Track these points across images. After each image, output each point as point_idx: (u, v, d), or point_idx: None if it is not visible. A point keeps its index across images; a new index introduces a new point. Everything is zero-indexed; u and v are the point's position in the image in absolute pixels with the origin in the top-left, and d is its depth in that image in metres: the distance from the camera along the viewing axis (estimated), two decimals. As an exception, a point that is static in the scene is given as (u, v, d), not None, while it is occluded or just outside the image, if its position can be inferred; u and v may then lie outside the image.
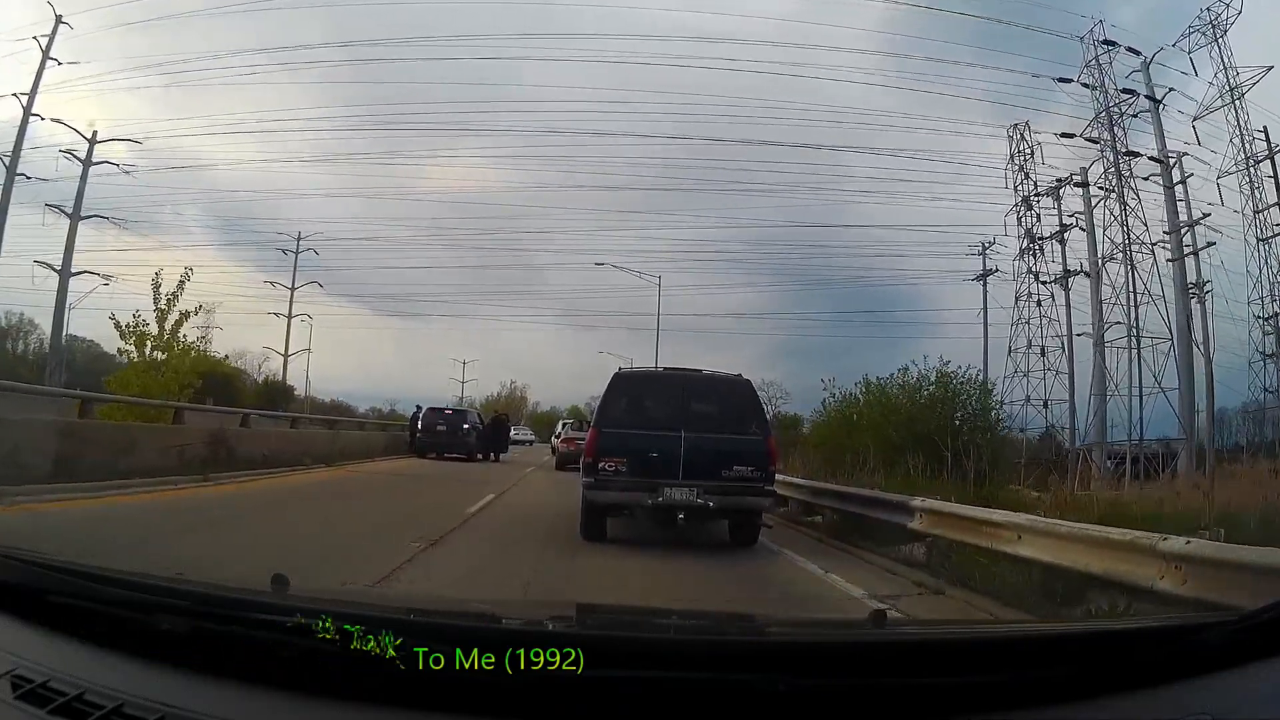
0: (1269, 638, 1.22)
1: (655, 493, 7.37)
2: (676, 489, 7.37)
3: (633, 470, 7.41)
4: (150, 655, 1.16)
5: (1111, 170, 28.31)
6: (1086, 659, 1.18)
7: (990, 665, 1.19)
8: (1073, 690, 1.13)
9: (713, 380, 8.37)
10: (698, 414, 7.81)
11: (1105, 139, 28.50)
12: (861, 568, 7.37)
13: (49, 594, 1.29)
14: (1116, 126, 28.25)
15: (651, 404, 8.10)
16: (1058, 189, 31.14)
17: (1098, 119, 28.74)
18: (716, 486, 7.43)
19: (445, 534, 7.68)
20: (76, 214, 27.94)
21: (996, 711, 1.10)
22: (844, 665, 1.17)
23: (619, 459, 7.44)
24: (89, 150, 28.16)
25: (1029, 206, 32.00)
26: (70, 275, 27.23)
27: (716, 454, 7.51)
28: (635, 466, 7.42)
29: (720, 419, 7.86)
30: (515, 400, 71.51)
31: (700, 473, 7.41)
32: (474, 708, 1.05)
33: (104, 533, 6.47)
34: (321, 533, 7.71)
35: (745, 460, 7.57)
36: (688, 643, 1.40)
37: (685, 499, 7.38)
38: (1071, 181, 30.44)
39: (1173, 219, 26.83)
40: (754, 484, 7.60)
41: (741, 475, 7.52)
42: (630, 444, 7.53)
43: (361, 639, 1.09)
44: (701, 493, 7.39)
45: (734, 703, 1.05)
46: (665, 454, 7.42)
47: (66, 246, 27.38)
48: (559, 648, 1.16)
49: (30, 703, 1.09)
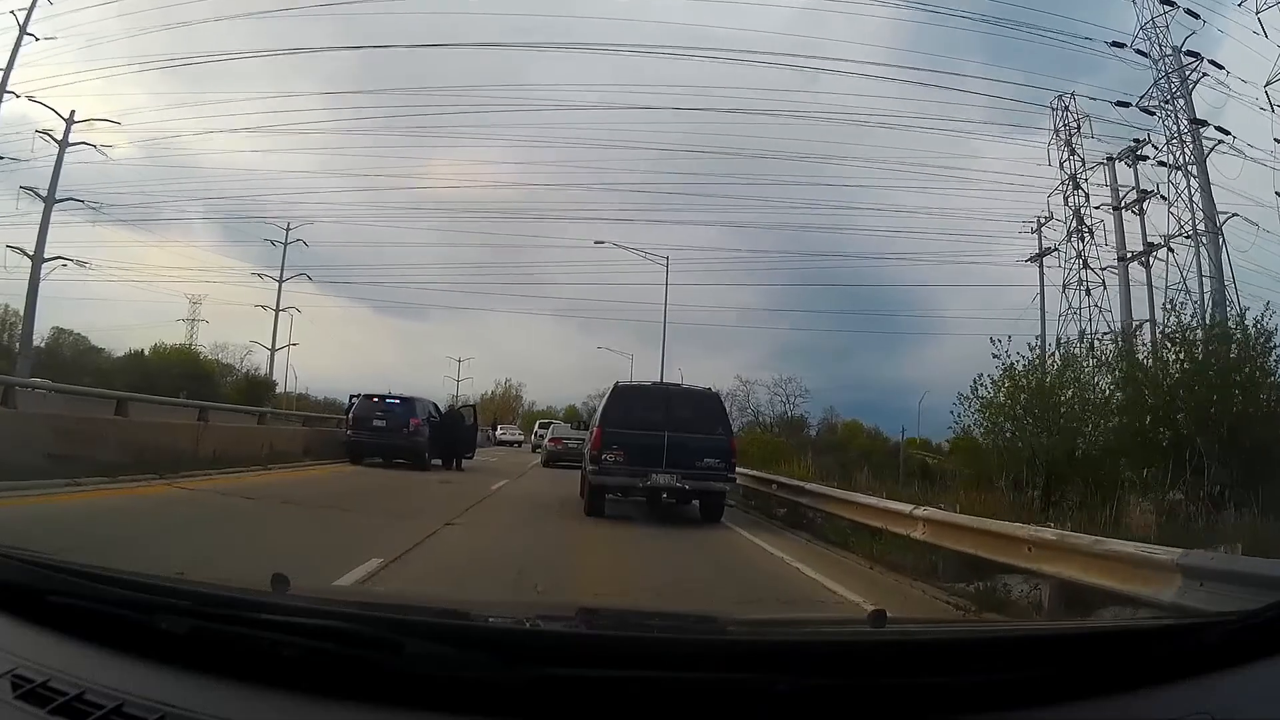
0: (1269, 638, 1.22)
1: (645, 478, 9.71)
2: (661, 474, 9.72)
3: (629, 460, 9.73)
4: (150, 655, 1.16)
5: (1174, 140, 24.33)
6: (1086, 659, 1.18)
7: (990, 665, 1.19)
8: (1073, 690, 1.13)
9: (690, 392, 11.08)
10: (677, 418, 10.10)
11: (1167, 107, 24.58)
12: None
13: (49, 594, 1.29)
14: (1178, 95, 24.37)
15: (642, 410, 10.27)
16: (1129, 155, 26.35)
17: (1156, 86, 24.91)
18: (691, 473, 9.81)
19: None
20: (51, 197, 27.07)
21: (996, 711, 1.10)
22: (843, 665, 1.17)
23: (618, 451, 9.75)
24: (66, 130, 27.11)
25: (1076, 185, 28.02)
26: (43, 261, 26.40)
27: (692, 449, 9.85)
28: (630, 457, 9.74)
29: (695, 422, 10.16)
30: (510, 399, 71.44)
31: (679, 463, 9.74)
32: (474, 708, 1.05)
33: None
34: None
35: (713, 454, 9.98)
36: (687, 642, 1.40)
37: (668, 483, 9.79)
38: (1135, 151, 26.22)
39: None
40: (720, 472, 10.09)
41: (710, 465, 9.93)
42: (627, 440, 9.81)
43: (362, 639, 1.10)
44: (680, 477, 9.76)
45: (733, 703, 1.05)
46: (653, 448, 9.72)
47: (40, 230, 26.73)
48: (559, 648, 1.17)
49: (30, 703, 1.08)
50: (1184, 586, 4.13)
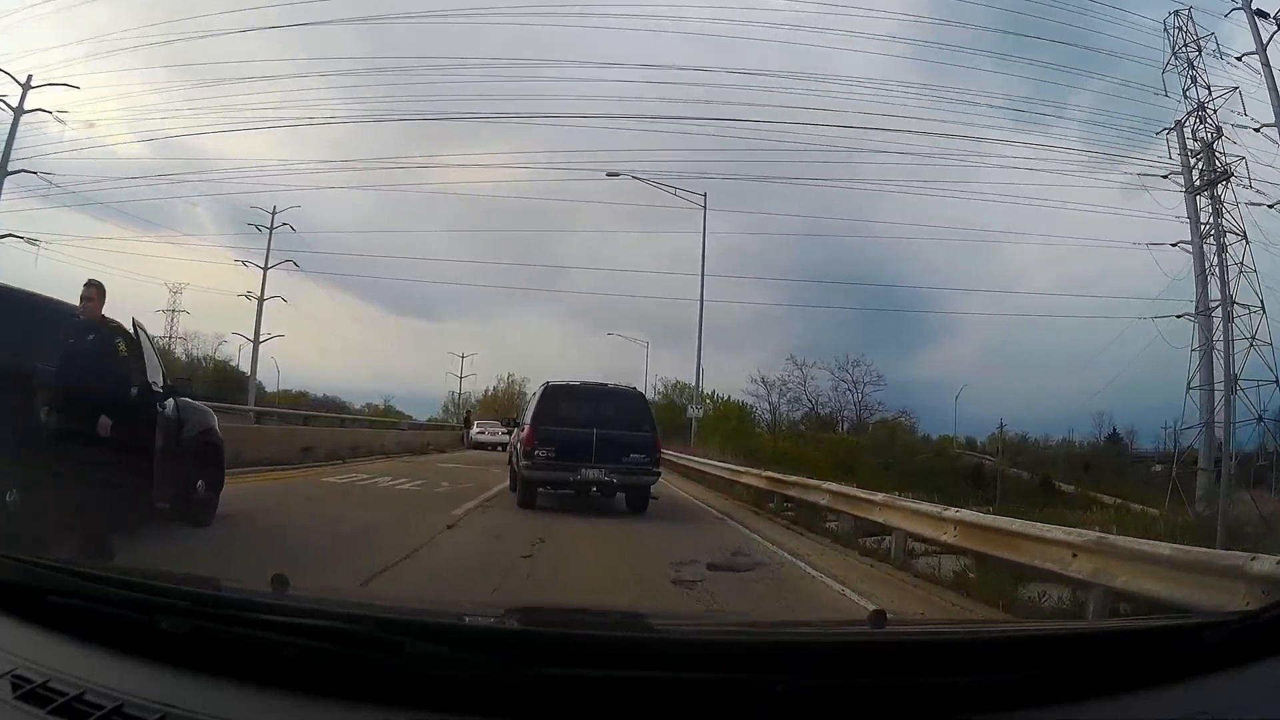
0: (1269, 638, 1.22)
1: (575, 472, 10.10)
2: (591, 469, 10.13)
3: (560, 456, 10.08)
4: (150, 655, 1.16)
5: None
6: (1086, 659, 1.19)
7: (990, 665, 1.19)
8: (1073, 690, 1.13)
9: (617, 391, 11.51)
10: (605, 416, 10.57)
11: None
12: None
13: (49, 594, 1.29)
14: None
15: (572, 409, 10.68)
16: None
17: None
18: (619, 468, 10.23)
19: None
20: (3, 170, 24.78)
21: (996, 711, 1.10)
22: (843, 665, 1.17)
23: (550, 447, 10.09)
24: (22, 96, 24.70)
25: (1202, 119, 22.84)
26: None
27: (619, 445, 10.27)
28: (561, 453, 10.08)
29: (621, 420, 10.62)
30: (514, 396, 71.01)
31: (607, 458, 10.18)
32: (473, 708, 1.05)
33: None
34: None
35: (638, 450, 10.42)
36: (686, 642, 1.40)
37: (597, 477, 10.21)
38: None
39: None
40: (645, 466, 10.53)
41: (636, 460, 10.38)
42: (558, 437, 10.16)
43: (361, 639, 1.10)
44: (608, 472, 10.18)
45: (732, 703, 1.05)
46: (582, 444, 10.10)
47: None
48: (558, 647, 1.17)
49: (30, 703, 1.09)
50: None
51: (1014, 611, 5.62)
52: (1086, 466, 36.09)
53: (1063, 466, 35.43)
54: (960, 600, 6.19)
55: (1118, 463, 36.37)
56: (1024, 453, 37.96)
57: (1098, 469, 35.18)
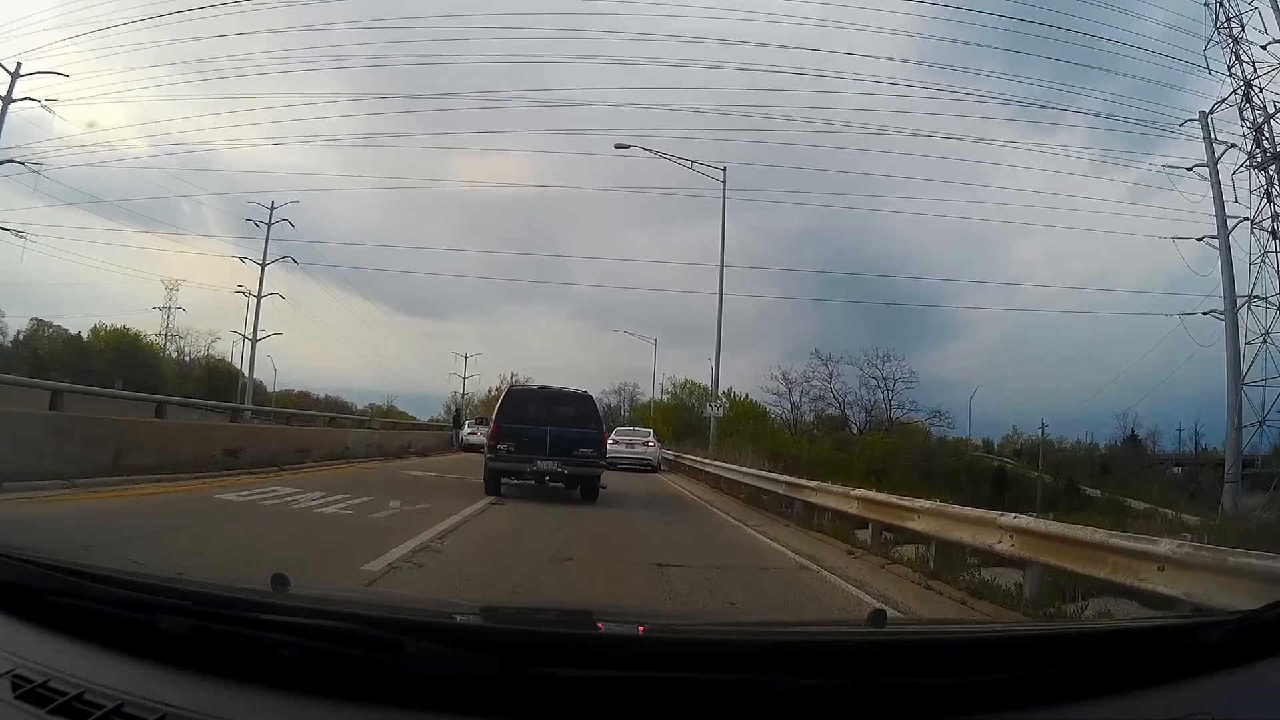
0: (1269, 638, 1.22)
1: (532, 464, 11.46)
2: (545, 461, 11.45)
3: (519, 449, 11.54)
4: (150, 655, 1.16)
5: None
6: (1086, 659, 1.18)
7: (990, 665, 1.19)
8: (1072, 690, 1.13)
9: (569, 394, 12.84)
10: (559, 415, 11.98)
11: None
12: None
13: (49, 594, 1.29)
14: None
15: (530, 409, 12.22)
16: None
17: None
18: (570, 461, 11.52)
19: None
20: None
21: (996, 711, 1.10)
22: (843, 665, 1.17)
23: (510, 442, 11.56)
24: (10, 84, 24.68)
25: (1249, 97, 21.45)
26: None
27: (570, 440, 11.58)
28: (521, 447, 11.53)
29: (573, 419, 12.00)
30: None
31: (560, 452, 11.47)
32: (474, 708, 1.05)
33: None
34: None
35: (587, 445, 11.77)
36: (686, 642, 1.40)
37: (550, 468, 11.48)
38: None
39: None
40: (594, 459, 11.86)
41: (586, 454, 11.69)
42: (518, 433, 11.62)
43: (362, 639, 1.10)
44: (560, 464, 11.46)
45: (733, 703, 1.05)
46: (539, 439, 11.48)
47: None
48: (558, 647, 1.17)
49: (30, 703, 1.09)
50: None
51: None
52: (1106, 468, 35.87)
53: (1083, 469, 35.04)
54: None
55: (1137, 465, 36.15)
56: (1044, 455, 37.22)
57: (1117, 471, 34.93)
